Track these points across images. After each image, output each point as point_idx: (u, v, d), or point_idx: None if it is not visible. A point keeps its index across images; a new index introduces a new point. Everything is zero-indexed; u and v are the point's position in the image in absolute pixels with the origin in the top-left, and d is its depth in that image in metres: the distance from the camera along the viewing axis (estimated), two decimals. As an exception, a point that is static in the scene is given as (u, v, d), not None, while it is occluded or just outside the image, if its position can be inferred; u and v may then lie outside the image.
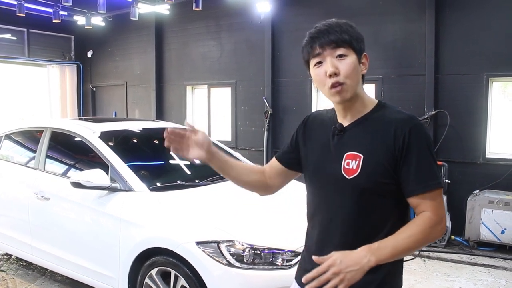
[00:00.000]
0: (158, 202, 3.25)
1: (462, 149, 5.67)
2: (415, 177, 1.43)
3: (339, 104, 1.54)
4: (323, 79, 1.49)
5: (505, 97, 5.85)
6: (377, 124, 1.50)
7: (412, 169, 1.43)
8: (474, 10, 5.55)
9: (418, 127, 1.46)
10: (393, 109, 1.54)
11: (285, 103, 7.17)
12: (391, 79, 6.15)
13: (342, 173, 1.50)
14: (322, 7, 6.56)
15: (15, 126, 4.78)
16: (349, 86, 1.47)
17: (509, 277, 4.51)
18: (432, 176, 1.44)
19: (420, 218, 1.43)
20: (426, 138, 1.46)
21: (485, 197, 5.18)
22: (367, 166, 1.46)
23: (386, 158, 1.44)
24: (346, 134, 1.54)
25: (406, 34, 6.03)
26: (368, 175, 1.46)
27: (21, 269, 4.62)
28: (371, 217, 1.49)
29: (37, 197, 3.86)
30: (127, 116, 9.33)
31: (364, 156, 1.47)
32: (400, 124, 1.45)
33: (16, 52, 8.92)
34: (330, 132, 1.58)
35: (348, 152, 1.50)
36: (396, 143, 1.43)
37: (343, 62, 1.46)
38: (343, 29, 1.48)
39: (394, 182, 1.46)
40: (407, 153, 1.43)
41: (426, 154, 1.44)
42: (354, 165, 1.48)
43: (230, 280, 2.76)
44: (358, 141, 1.50)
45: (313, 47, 1.50)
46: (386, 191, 1.47)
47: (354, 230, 1.50)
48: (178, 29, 8.41)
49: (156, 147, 4.46)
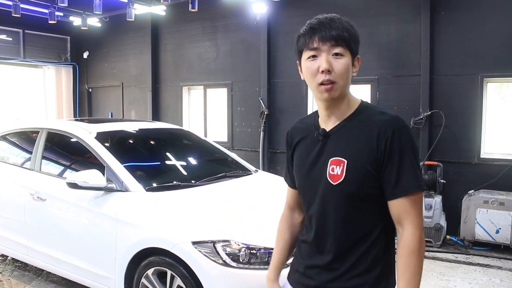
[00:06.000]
0: (154, 202, 3.25)
1: (457, 149, 5.70)
2: (396, 180, 1.42)
3: (325, 102, 1.51)
4: (314, 74, 1.45)
5: (500, 97, 5.89)
6: (360, 126, 1.48)
7: (394, 172, 1.42)
8: (469, 11, 5.59)
9: (401, 129, 1.43)
10: (376, 110, 1.51)
11: (281, 104, 7.18)
12: (386, 80, 6.18)
13: (328, 179, 1.48)
14: (317, 8, 6.58)
15: (11, 127, 4.77)
16: (339, 86, 1.45)
17: (504, 276, 4.54)
18: (413, 180, 1.42)
19: (409, 243, 1.42)
20: (409, 140, 1.44)
21: (480, 197, 5.21)
22: (351, 171, 1.45)
23: (370, 162, 1.43)
24: (329, 139, 1.52)
25: (402, 35, 6.06)
26: (353, 180, 1.44)
27: (17, 270, 4.61)
28: (361, 222, 1.48)
29: (33, 198, 3.85)
30: (123, 117, 9.32)
31: (348, 161, 1.45)
32: (383, 126, 1.43)
33: (12, 53, 8.90)
34: (314, 138, 1.56)
35: (333, 157, 1.48)
36: (379, 146, 1.42)
37: (338, 61, 1.43)
38: (345, 27, 1.45)
39: (379, 185, 1.45)
40: (389, 156, 1.42)
41: (408, 156, 1.42)
42: (339, 170, 1.46)
43: (226, 279, 2.76)
44: (342, 146, 1.49)
45: (312, 39, 1.45)
46: (372, 195, 1.46)
47: (345, 236, 1.49)
48: (174, 30, 8.41)
49: (152, 148, 4.46)
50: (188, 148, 4.73)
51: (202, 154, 4.64)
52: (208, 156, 4.65)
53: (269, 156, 7.28)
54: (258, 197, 3.75)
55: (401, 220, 1.44)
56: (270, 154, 7.28)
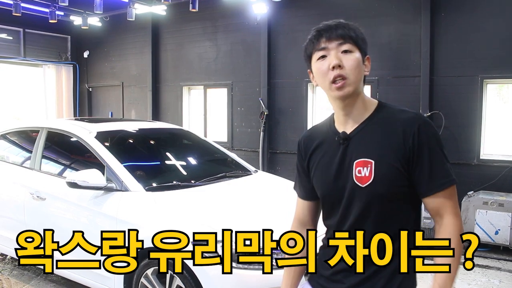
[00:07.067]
0: (154, 202, 3.25)
1: (457, 150, 5.70)
2: (429, 177, 1.40)
3: (340, 102, 1.47)
4: (325, 72, 1.43)
5: (499, 99, 5.89)
6: (383, 126, 1.45)
7: (426, 169, 1.40)
8: (469, 12, 5.60)
9: (426, 125, 1.42)
10: (396, 109, 1.49)
11: (281, 104, 7.19)
12: (386, 81, 6.18)
13: (355, 182, 1.43)
14: (318, 9, 6.59)
15: (11, 126, 4.77)
16: (351, 81, 1.42)
17: (503, 277, 4.54)
18: (446, 174, 1.42)
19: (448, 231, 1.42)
20: (435, 135, 1.43)
21: (480, 198, 5.21)
22: (380, 171, 1.41)
23: (398, 159, 1.40)
24: (351, 141, 1.48)
25: (402, 36, 6.07)
26: (382, 180, 1.41)
27: (16, 269, 4.61)
28: (392, 224, 1.45)
29: (33, 197, 3.85)
30: (123, 116, 9.33)
31: (375, 161, 1.41)
32: (408, 123, 1.41)
33: (12, 52, 8.90)
34: (334, 143, 1.51)
35: (358, 159, 1.44)
36: (406, 143, 1.40)
37: (347, 57, 1.42)
38: (351, 27, 1.46)
39: (408, 184, 1.42)
40: (419, 152, 1.40)
41: (438, 151, 1.42)
42: (367, 172, 1.42)
43: (226, 279, 2.76)
44: (366, 147, 1.44)
45: (319, 41, 1.45)
46: (401, 195, 1.43)
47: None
48: (175, 30, 8.41)
49: (152, 148, 4.47)
50: (188, 148, 4.73)
51: (202, 154, 4.64)
52: (208, 156, 4.66)
53: (269, 156, 7.28)
54: (258, 197, 3.75)
55: (439, 212, 1.43)
56: (270, 155, 7.29)
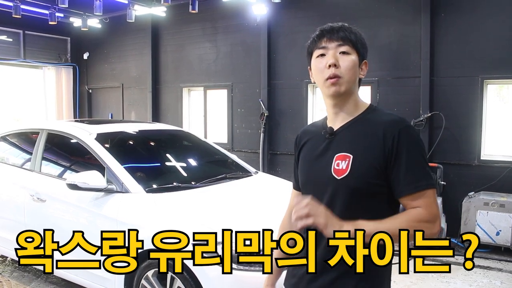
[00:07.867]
0: (154, 203, 3.25)
1: (458, 151, 5.70)
2: (406, 178, 1.43)
3: (332, 99, 1.56)
4: (322, 70, 1.53)
5: (500, 99, 5.89)
6: (367, 126, 1.52)
7: (403, 170, 1.43)
8: (469, 13, 5.59)
9: (408, 129, 1.47)
10: (383, 112, 1.56)
11: (281, 106, 7.18)
12: (386, 82, 6.18)
13: (332, 173, 1.50)
14: (318, 10, 6.58)
15: (11, 127, 4.77)
16: (345, 81, 1.51)
17: (504, 278, 4.53)
18: (423, 177, 1.44)
19: (410, 211, 1.43)
20: (416, 139, 1.48)
21: (480, 199, 5.21)
22: (356, 166, 1.47)
23: (376, 159, 1.45)
24: (336, 137, 1.56)
25: (402, 37, 6.06)
26: (357, 175, 1.46)
27: (17, 271, 4.61)
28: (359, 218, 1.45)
29: (33, 199, 3.85)
30: (123, 118, 9.32)
31: (354, 156, 1.48)
32: (390, 126, 1.47)
33: (12, 54, 8.90)
34: (321, 138, 1.60)
35: (338, 153, 1.51)
36: (386, 144, 1.44)
37: (344, 58, 1.51)
38: (353, 31, 1.56)
39: (385, 183, 1.46)
40: (397, 154, 1.44)
41: (416, 155, 1.45)
42: (344, 165, 1.48)
43: (226, 281, 2.76)
44: (348, 143, 1.52)
45: (321, 40, 1.55)
46: (376, 192, 1.47)
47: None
48: (175, 31, 8.41)
49: (152, 149, 4.46)
50: (188, 150, 4.73)
51: (202, 155, 4.64)
52: (208, 157, 4.65)
53: (269, 157, 7.27)
54: (258, 199, 3.74)
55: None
56: (270, 156, 7.28)
